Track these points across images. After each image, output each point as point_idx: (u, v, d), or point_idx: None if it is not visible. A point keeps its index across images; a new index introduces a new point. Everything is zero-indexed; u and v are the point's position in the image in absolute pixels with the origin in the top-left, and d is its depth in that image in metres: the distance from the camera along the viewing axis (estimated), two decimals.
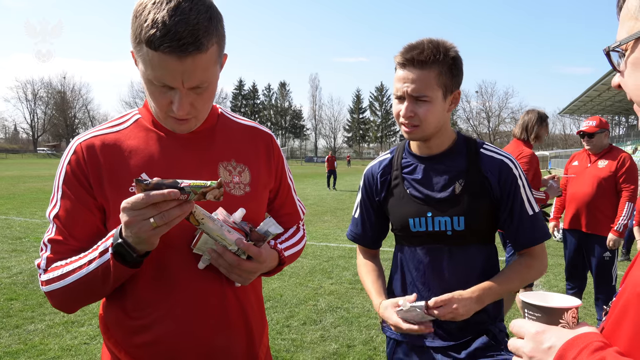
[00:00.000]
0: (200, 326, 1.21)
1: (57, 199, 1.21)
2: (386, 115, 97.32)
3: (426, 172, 1.65)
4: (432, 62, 1.50)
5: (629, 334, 0.72)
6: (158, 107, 1.16)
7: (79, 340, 4.01)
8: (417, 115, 1.54)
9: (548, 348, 0.77)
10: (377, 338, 4.15)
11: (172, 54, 1.04)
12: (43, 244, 1.23)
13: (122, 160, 1.21)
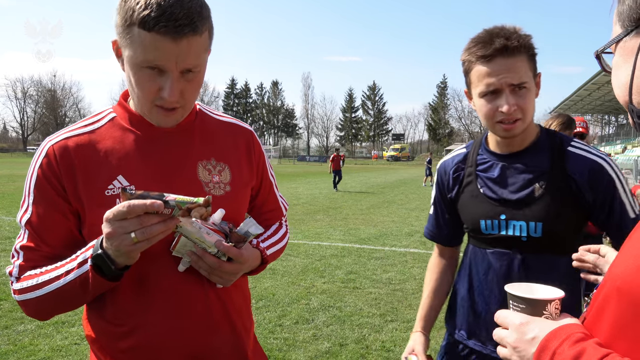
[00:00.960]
0: (184, 330, 1.19)
1: (28, 204, 1.16)
2: (378, 115, 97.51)
3: (503, 171, 1.51)
4: (521, 46, 1.38)
5: (608, 326, 0.74)
6: (144, 96, 1.11)
7: (69, 340, 3.98)
8: (519, 107, 1.40)
9: (531, 339, 0.80)
10: (369, 337, 4.16)
11: (167, 35, 1.02)
12: (15, 251, 1.18)
13: (98, 162, 1.17)
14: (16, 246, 1.18)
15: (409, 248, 7.94)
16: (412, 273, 6.30)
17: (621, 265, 0.75)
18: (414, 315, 4.98)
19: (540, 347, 0.77)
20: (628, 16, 0.80)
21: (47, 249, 1.16)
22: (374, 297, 5.26)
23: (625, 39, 0.82)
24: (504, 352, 0.85)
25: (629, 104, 0.83)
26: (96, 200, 1.12)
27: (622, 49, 0.83)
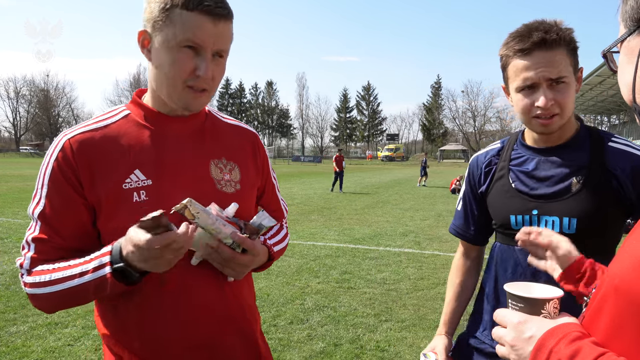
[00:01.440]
0: (199, 322, 1.21)
1: (42, 196, 1.18)
2: (373, 115, 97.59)
3: (539, 165, 1.47)
4: (561, 40, 1.35)
5: (606, 325, 0.74)
6: (179, 76, 1.15)
7: (62, 341, 3.96)
8: (557, 102, 1.36)
9: (529, 337, 0.80)
10: (363, 337, 4.17)
11: (209, 15, 1.13)
12: (26, 243, 1.19)
13: (114, 156, 1.19)
14: (27, 238, 1.19)
15: (403, 248, 7.95)
16: (406, 273, 6.32)
17: (619, 264, 0.76)
18: (408, 315, 5.03)
19: (537, 345, 0.77)
20: (630, 16, 0.81)
21: (59, 240, 1.17)
22: (369, 297, 5.27)
23: (628, 39, 0.82)
24: (502, 351, 0.86)
25: (633, 102, 0.83)
26: (114, 193, 1.15)
27: (626, 49, 0.84)
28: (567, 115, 1.40)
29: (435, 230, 9.85)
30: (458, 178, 19.60)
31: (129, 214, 1.14)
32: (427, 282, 5.90)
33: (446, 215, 12.35)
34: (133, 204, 1.16)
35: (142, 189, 1.18)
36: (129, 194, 1.16)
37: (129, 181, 1.18)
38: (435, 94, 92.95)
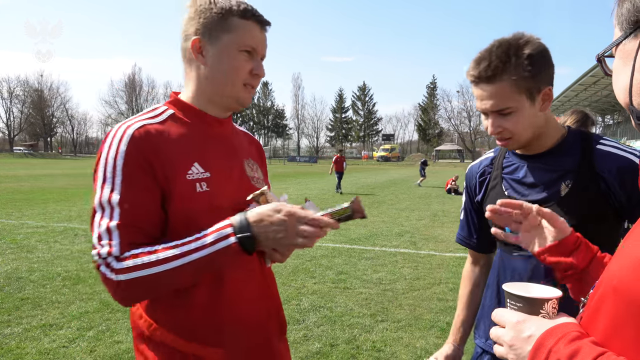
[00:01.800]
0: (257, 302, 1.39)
1: (116, 184, 1.19)
2: (368, 115, 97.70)
3: (528, 172, 1.49)
4: (503, 72, 1.34)
5: (604, 325, 0.74)
6: (239, 76, 1.31)
7: (57, 343, 3.93)
8: (505, 129, 1.40)
9: (527, 337, 0.80)
10: (360, 337, 4.17)
11: (259, 24, 1.32)
12: (105, 231, 1.17)
13: (175, 148, 1.27)
14: (106, 226, 1.17)
15: (399, 248, 7.96)
16: (402, 273, 6.33)
17: (618, 265, 0.76)
18: (404, 315, 5.03)
19: (536, 345, 0.77)
20: (626, 19, 0.81)
21: (145, 226, 1.21)
22: (365, 297, 5.27)
23: (624, 42, 0.83)
24: (500, 351, 0.85)
25: (629, 105, 0.83)
26: (179, 182, 1.24)
27: (621, 52, 0.84)
28: (523, 137, 1.42)
29: (431, 230, 9.87)
30: (454, 178, 19.63)
31: (193, 204, 1.24)
32: (423, 282, 5.90)
33: (442, 215, 12.38)
34: (197, 194, 1.25)
35: (202, 181, 1.27)
36: (192, 185, 1.25)
37: (191, 172, 1.26)
38: (430, 94, 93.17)
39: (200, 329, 1.28)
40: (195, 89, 1.35)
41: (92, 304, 4.88)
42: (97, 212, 1.20)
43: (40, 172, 30.29)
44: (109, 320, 4.43)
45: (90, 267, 6.31)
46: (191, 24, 1.30)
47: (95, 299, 5.02)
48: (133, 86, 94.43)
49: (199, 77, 1.33)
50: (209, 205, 1.26)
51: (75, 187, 18.33)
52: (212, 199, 1.27)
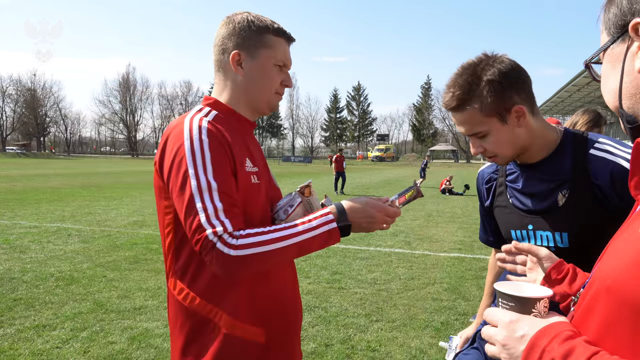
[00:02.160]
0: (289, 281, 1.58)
1: (208, 171, 1.29)
2: (363, 115, 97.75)
3: (526, 182, 1.52)
4: (466, 102, 1.39)
5: (597, 325, 0.75)
6: (272, 86, 1.49)
7: (50, 344, 3.91)
8: (486, 149, 1.45)
9: (521, 336, 0.80)
10: (354, 337, 4.17)
11: (288, 41, 1.52)
12: (214, 214, 1.26)
13: (234, 142, 1.39)
14: (214, 208, 1.27)
15: (393, 248, 7.97)
16: (397, 273, 6.33)
17: (610, 264, 0.76)
18: (399, 315, 5.04)
19: (530, 345, 0.77)
20: (614, 23, 0.82)
21: (238, 203, 1.33)
22: (359, 297, 5.27)
23: (612, 47, 0.84)
24: (492, 350, 0.85)
25: (619, 108, 0.84)
26: (242, 173, 1.39)
27: (609, 56, 0.85)
28: (508, 153, 1.44)
29: (426, 230, 9.89)
30: (448, 178, 19.68)
31: (250, 193, 1.39)
32: (418, 282, 5.92)
33: (436, 215, 12.41)
34: (252, 185, 1.41)
35: (254, 174, 1.43)
36: (249, 176, 1.41)
37: (248, 165, 1.42)
38: (425, 95, 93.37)
39: (247, 309, 1.40)
40: (232, 95, 1.49)
41: (86, 304, 4.86)
42: (195, 197, 1.27)
43: (33, 172, 30.09)
44: (103, 321, 4.41)
45: (84, 267, 6.28)
46: (230, 39, 1.45)
47: (88, 300, 4.99)
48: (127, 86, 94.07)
49: (235, 85, 1.48)
50: (258, 196, 1.43)
51: (69, 187, 18.24)
52: (260, 192, 1.45)
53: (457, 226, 10.54)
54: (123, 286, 5.50)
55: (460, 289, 5.64)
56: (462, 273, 6.35)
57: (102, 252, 7.18)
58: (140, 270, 6.22)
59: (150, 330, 4.22)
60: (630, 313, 0.68)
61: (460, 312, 4.85)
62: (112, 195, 15.55)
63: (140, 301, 4.98)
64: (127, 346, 3.89)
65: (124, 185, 19.92)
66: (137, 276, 5.93)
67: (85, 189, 17.82)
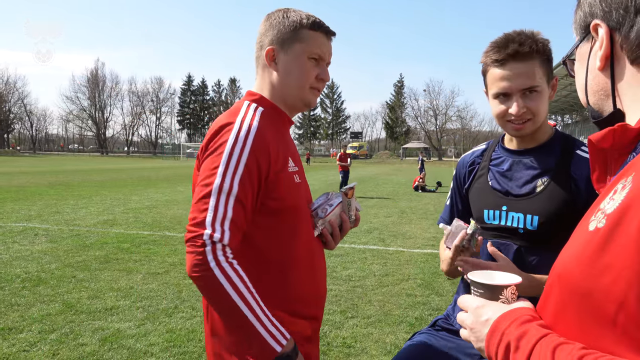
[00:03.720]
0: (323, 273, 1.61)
1: (237, 174, 1.30)
2: (337, 113, 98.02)
3: (512, 165, 1.62)
4: (535, 52, 1.47)
5: (552, 310, 0.80)
6: (307, 80, 1.47)
7: (17, 347, 3.78)
8: (529, 109, 1.50)
9: (485, 320, 0.87)
10: (330, 334, 4.18)
11: (326, 34, 1.49)
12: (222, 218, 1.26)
13: (276, 143, 1.41)
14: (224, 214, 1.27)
15: (367, 245, 8.03)
16: (371, 269, 6.38)
17: (562, 254, 0.82)
18: (374, 311, 5.07)
19: (492, 328, 0.83)
20: (580, 25, 0.89)
21: (248, 216, 1.34)
22: (335, 294, 5.29)
23: (580, 45, 0.91)
24: (464, 334, 0.92)
25: (587, 104, 0.91)
26: (285, 174, 1.41)
27: (578, 55, 0.92)
28: (540, 120, 1.53)
29: (399, 227, 9.99)
30: (421, 176, 19.92)
31: (295, 192, 1.44)
32: (392, 279, 5.97)
33: (409, 212, 12.55)
34: (296, 184, 1.45)
35: (296, 174, 1.47)
36: (292, 176, 1.45)
37: (290, 166, 1.45)
38: (398, 93, 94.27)
39: (295, 301, 1.44)
40: (271, 92, 1.50)
41: (54, 306, 4.73)
42: (212, 196, 1.28)
43: None
44: (73, 323, 4.30)
45: (52, 267, 6.10)
46: (266, 35, 1.48)
47: (57, 301, 4.86)
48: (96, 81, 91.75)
49: (272, 82, 1.49)
50: (301, 195, 1.48)
51: (35, 186, 17.69)
52: (301, 191, 1.50)
53: (429, 223, 10.68)
54: (93, 286, 5.37)
55: (433, 284, 5.73)
56: (435, 269, 6.44)
57: (71, 252, 6.99)
58: (111, 270, 6.09)
59: (122, 330, 4.14)
60: (577, 301, 0.73)
61: (434, 307, 4.92)
62: (80, 194, 15.16)
63: (112, 301, 4.88)
64: (99, 347, 3.80)
65: (94, 184, 19.45)
66: (108, 276, 5.81)
67: (52, 187, 17.32)
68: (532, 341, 0.74)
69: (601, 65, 0.84)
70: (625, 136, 0.78)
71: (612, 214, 0.69)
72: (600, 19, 0.83)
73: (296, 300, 1.44)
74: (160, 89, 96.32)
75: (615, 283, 0.66)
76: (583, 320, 0.72)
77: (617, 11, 0.81)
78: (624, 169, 0.76)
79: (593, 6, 0.85)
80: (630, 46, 0.79)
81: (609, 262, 0.67)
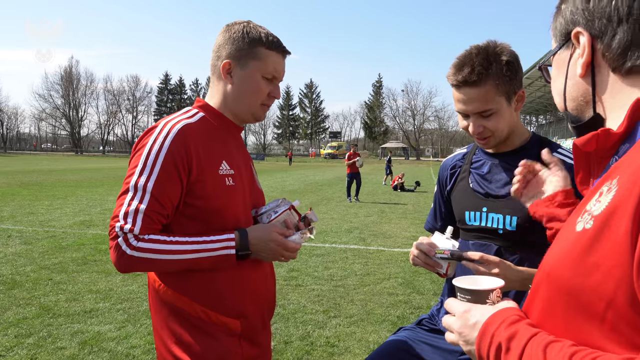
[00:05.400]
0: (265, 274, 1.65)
1: (153, 172, 1.38)
2: (315, 112, 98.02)
3: (491, 169, 1.66)
4: (486, 77, 1.47)
5: (539, 308, 0.82)
6: (259, 98, 1.53)
7: None
8: (486, 128, 1.55)
9: (473, 324, 0.87)
10: (313, 333, 4.20)
11: (282, 54, 1.55)
12: (133, 211, 1.36)
13: (209, 145, 1.48)
14: (134, 207, 1.37)
15: (349, 244, 8.07)
16: (352, 269, 6.42)
17: (552, 251, 0.83)
18: (357, 311, 5.09)
19: (481, 331, 0.84)
20: (560, 31, 0.91)
21: (163, 215, 1.40)
22: (317, 294, 5.30)
23: (559, 52, 0.92)
24: (451, 338, 0.93)
25: (565, 110, 0.94)
26: (213, 175, 1.46)
27: (557, 61, 0.94)
28: (500, 135, 1.58)
29: (379, 227, 10.07)
30: (400, 175, 20.09)
31: (223, 195, 1.47)
32: (374, 278, 6.02)
33: (389, 212, 12.65)
34: (226, 187, 1.48)
35: (229, 176, 1.50)
36: (223, 179, 1.48)
37: (222, 168, 1.49)
38: (376, 93, 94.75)
39: (222, 301, 1.49)
40: (221, 101, 1.56)
41: (31, 309, 4.62)
42: (129, 192, 1.39)
43: None
44: (51, 326, 4.21)
45: (27, 270, 5.96)
46: (224, 47, 1.51)
47: (34, 304, 4.75)
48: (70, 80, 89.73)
49: (225, 92, 1.54)
50: (233, 198, 1.50)
51: (7, 186, 17.22)
52: (236, 193, 1.51)
53: (409, 222, 10.80)
54: (71, 289, 5.27)
55: (414, 283, 5.79)
56: (415, 268, 6.48)
57: (47, 254, 6.84)
58: (89, 271, 5.98)
59: (102, 333, 4.07)
60: (565, 299, 0.75)
61: (415, 305, 4.98)
62: (55, 194, 14.83)
63: (91, 304, 4.80)
64: (78, 351, 3.73)
65: (69, 184, 19.03)
66: (86, 278, 5.70)
67: (25, 187, 16.88)
68: (523, 341, 0.76)
69: (582, 73, 0.85)
70: (608, 140, 0.81)
71: (600, 215, 0.72)
72: (582, 27, 0.85)
73: (221, 298, 1.49)
74: (136, 87, 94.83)
75: (604, 281, 0.68)
76: (571, 317, 0.74)
77: (599, 20, 0.82)
78: (608, 171, 0.79)
79: (575, 14, 0.86)
80: (612, 55, 0.82)
81: (597, 262, 0.70)
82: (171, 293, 1.48)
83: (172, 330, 1.48)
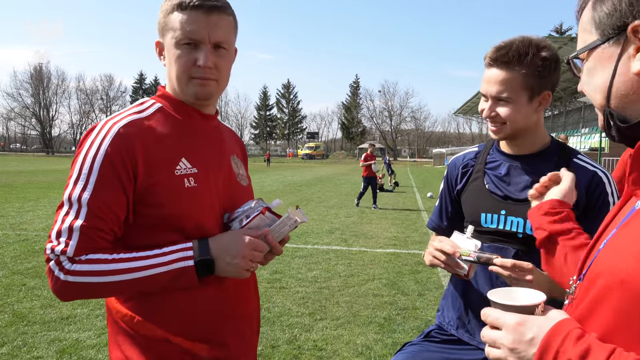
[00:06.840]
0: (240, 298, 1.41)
1: (89, 182, 1.19)
2: (293, 113, 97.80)
3: (510, 171, 1.62)
4: (517, 63, 1.46)
5: (607, 320, 0.75)
6: (183, 70, 1.27)
7: None
8: (499, 115, 1.53)
9: (530, 339, 0.78)
10: (300, 337, 4.13)
11: (200, 9, 1.24)
12: (67, 229, 1.17)
13: (161, 144, 1.26)
14: (68, 224, 1.17)
15: (331, 245, 8.02)
16: (336, 270, 6.37)
17: (620, 258, 0.77)
18: (343, 313, 5.05)
19: (542, 347, 0.75)
20: (610, 24, 0.83)
21: (105, 229, 1.19)
22: (302, 297, 5.23)
23: (603, 46, 0.85)
24: (497, 354, 0.82)
25: (605, 106, 0.87)
26: (167, 177, 1.24)
27: (599, 55, 0.86)
28: (514, 127, 1.54)
29: (360, 227, 10.05)
30: (380, 176, 20.14)
31: (181, 199, 1.24)
32: (358, 279, 5.98)
33: (369, 212, 12.66)
34: (186, 190, 1.25)
35: (190, 176, 1.27)
36: (181, 180, 1.26)
37: (179, 168, 1.26)
38: (354, 93, 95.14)
39: (199, 324, 1.30)
40: (170, 86, 1.37)
41: (4, 317, 4.42)
42: (64, 206, 1.20)
43: None
44: (26, 334, 4.03)
45: None
46: (158, 28, 1.33)
47: (7, 312, 4.55)
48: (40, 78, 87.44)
49: (168, 75, 1.35)
50: (195, 202, 1.27)
51: None
52: (200, 196, 1.28)
53: (389, 222, 10.82)
54: (46, 294, 5.07)
55: (398, 284, 5.78)
56: (399, 268, 6.51)
57: (19, 258, 6.59)
58: None
59: (81, 341, 3.92)
60: None
61: (401, 306, 4.96)
62: (26, 196, 14.36)
63: (68, 310, 4.62)
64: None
65: (40, 185, 18.48)
66: None
67: None
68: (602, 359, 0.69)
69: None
70: None
71: None
72: None
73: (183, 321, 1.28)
74: (110, 86, 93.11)
75: None
76: None
77: None
78: None
79: (635, 5, 0.79)
80: None
81: None
82: (126, 315, 1.28)
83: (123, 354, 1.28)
